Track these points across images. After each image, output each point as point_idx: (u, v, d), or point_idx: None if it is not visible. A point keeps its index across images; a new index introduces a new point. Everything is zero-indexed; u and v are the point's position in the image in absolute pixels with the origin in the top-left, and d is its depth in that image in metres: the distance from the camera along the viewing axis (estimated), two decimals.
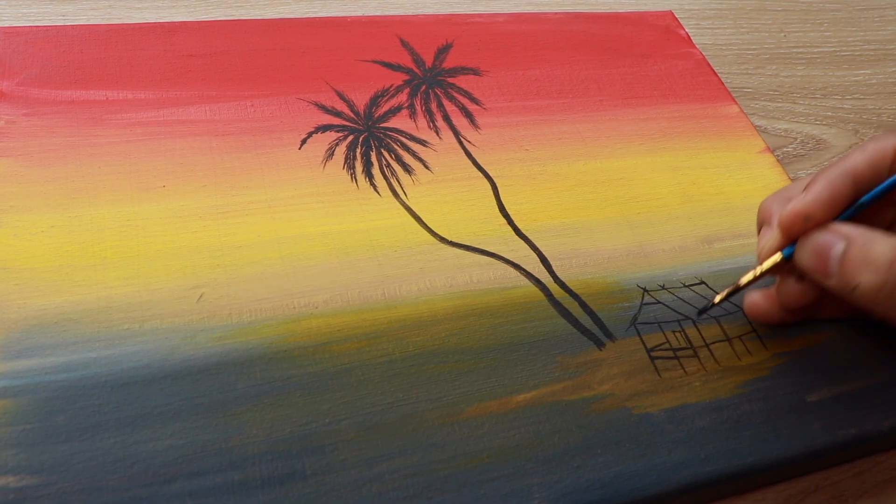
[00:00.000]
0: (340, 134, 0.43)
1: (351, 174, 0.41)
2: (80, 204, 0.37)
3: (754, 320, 0.38)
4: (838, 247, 0.33)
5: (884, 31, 0.62)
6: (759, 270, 0.36)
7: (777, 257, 0.35)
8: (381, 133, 0.43)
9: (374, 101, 0.45)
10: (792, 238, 0.35)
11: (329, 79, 0.46)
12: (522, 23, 0.53)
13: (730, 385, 0.35)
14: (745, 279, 0.36)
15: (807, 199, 0.34)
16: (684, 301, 0.38)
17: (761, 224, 0.38)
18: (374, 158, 0.42)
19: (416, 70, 0.48)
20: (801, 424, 0.34)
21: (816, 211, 0.34)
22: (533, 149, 0.44)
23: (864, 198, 0.34)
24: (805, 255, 0.34)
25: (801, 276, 0.36)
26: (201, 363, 0.32)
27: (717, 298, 0.37)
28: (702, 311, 0.37)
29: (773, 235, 0.35)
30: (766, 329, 0.38)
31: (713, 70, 0.52)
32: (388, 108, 0.45)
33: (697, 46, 0.54)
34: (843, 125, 0.54)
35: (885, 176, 0.35)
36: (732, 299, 0.38)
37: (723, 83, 0.51)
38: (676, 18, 0.56)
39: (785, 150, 0.51)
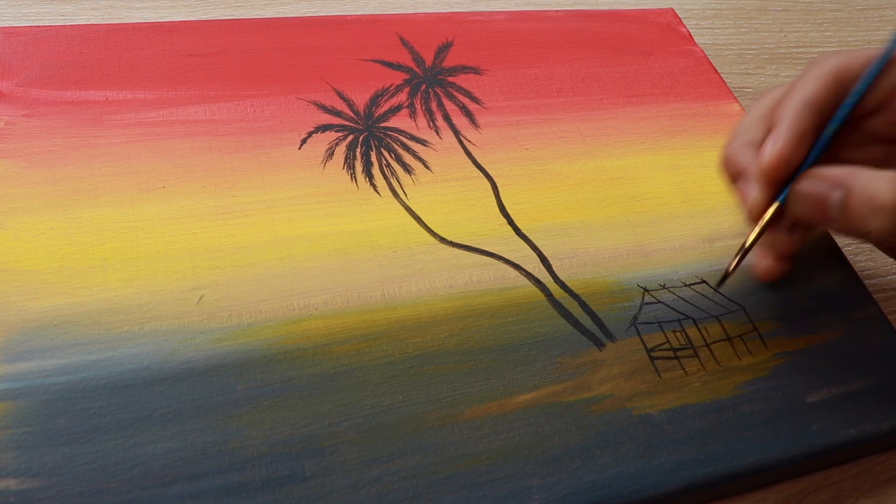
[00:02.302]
0: (340, 134, 0.43)
1: (351, 174, 0.41)
2: (80, 205, 0.37)
3: (767, 280, 0.38)
4: (835, 195, 0.33)
5: (884, 31, 0.62)
6: (760, 226, 0.35)
7: (774, 207, 0.35)
8: (381, 133, 0.43)
9: (374, 100, 0.45)
10: (776, 187, 0.34)
11: (329, 78, 0.46)
12: (523, 21, 0.53)
13: (730, 385, 0.35)
14: (750, 238, 0.36)
15: (779, 143, 0.33)
16: (685, 300, 0.38)
17: (733, 176, 0.37)
18: (374, 158, 0.42)
19: (416, 69, 0.48)
20: (800, 425, 0.34)
21: (794, 153, 0.33)
22: (533, 148, 0.44)
23: (829, 129, 0.34)
24: (801, 207, 0.34)
25: (791, 226, 0.37)
26: (201, 365, 0.32)
27: (731, 266, 0.37)
28: (720, 283, 0.37)
29: (758, 190, 0.35)
30: (766, 328, 0.38)
31: (714, 68, 0.52)
32: (388, 107, 0.45)
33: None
34: None
35: (842, 101, 0.35)
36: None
37: (724, 81, 0.51)
38: (677, 15, 0.56)
39: None
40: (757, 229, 0.36)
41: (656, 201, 0.43)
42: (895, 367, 0.37)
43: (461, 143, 0.44)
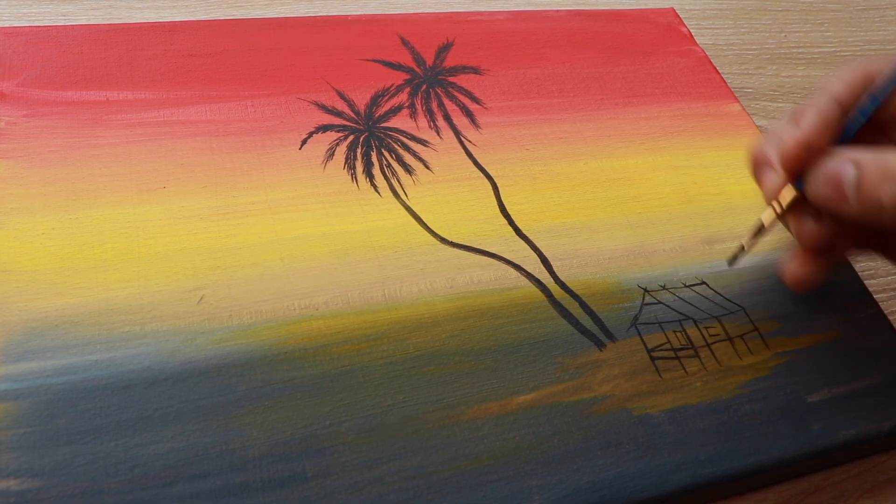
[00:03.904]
0: (341, 134, 0.43)
1: (351, 174, 0.41)
2: (81, 205, 0.37)
3: (798, 289, 0.38)
4: (850, 171, 0.32)
5: (884, 32, 0.62)
6: (776, 206, 0.35)
7: (792, 192, 0.35)
8: (381, 133, 0.43)
9: (375, 100, 0.45)
10: (796, 173, 0.34)
11: (329, 78, 0.46)
12: (523, 21, 0.53)
13: (730, 385, 0.35)
14: (766, 218, 0.35)
15: (803, 128, 0.33)
16: (685, 301, 0.38)
17: (758, 169, 0.37)
18: (374, 158, 0.42)
19: (416, 69, 0.48)
20: (801, 425, 0.34)
21: (816, 137, 0.33)
22: (534, 148, 0.44)
23: (850, 123, 0.34)
24: (817, 186, 0.33)
25: (817, 214, 0.35)
26: (202, 365, 0.32)
27: (745, 242, 0.36)
28: (732, 261, 0.36)
29: (777, 175, 0.35)
30: (767, 328, 0.38)
31: (715, 68, 0.52)
32: (388, 107, 0.45)
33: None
34: None
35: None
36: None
37: (724, 81, 0.51)
38: (678, 15, 0.56)
39: None
40: (773, 206, 0.35)
41: (656, 202, 0.43)
42: (895, 367, 0.37)
43: (462, 143, 0.44)
